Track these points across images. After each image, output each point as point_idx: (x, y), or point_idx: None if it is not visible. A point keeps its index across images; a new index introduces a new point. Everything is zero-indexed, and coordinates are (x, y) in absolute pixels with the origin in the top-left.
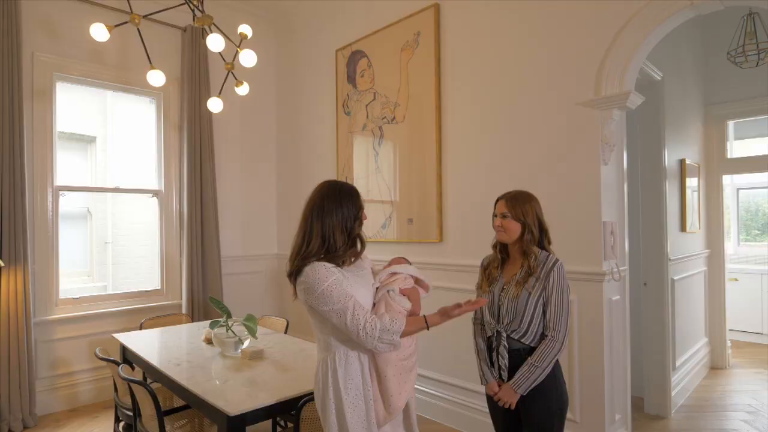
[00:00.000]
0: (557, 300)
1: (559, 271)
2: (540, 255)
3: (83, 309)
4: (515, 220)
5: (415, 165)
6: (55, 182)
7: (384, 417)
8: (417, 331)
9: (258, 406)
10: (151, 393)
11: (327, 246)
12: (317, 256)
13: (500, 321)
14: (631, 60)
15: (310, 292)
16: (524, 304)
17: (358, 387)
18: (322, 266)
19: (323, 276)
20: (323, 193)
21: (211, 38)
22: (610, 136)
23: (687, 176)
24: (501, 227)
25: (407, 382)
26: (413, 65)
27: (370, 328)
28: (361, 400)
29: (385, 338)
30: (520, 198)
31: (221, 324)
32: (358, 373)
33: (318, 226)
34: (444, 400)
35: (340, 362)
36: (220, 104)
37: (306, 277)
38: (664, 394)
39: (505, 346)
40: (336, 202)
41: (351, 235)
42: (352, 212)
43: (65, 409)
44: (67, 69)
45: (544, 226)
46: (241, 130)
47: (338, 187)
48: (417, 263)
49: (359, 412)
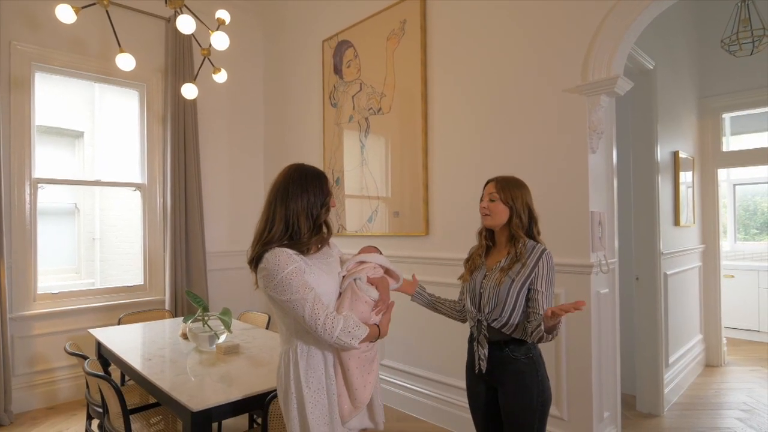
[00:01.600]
0: (546, 288)
1: (548, 260)
2: (528, 243)
3: (62, 304)
4: (503, 204)
5: (402, 156)
6: (33, 174)
7: (350, 412)
8: (371, 337)
9: (223, 402)
10: (115, 388)
11: (290, 232)
12: (280, 243)
13: (481, 309)
14: (618, 44)
15: (270, 279)
16: (506, 292)
17: (320, 381)
18: (284, 252)
19: (283, 262)
20: (288, 177)
21: (181, 19)
22: (598, 123)
23: (681, 169)
24: (487, 210)
25: (371, 373)
26: (399, 54)
27: (330, 326)
28: (323, 395)
29: (344, 339)
30: (511, 182)
31: (197, 317)
32: (321, 367)
33: (281, 211)
34: (429, 398)
35: (302, 355)
36: (195, 90)
37: (266, 263)
38: (656, 391)
39: (485, 335)
40: (301, 187)
41: (317, 222)
42: (318, 198)
43: (43, 407)
44: (47, 59)
45: (533, 215)
46: (228, 123)
47: (304, 171)
48: (403, 257)
49: (321, 408)
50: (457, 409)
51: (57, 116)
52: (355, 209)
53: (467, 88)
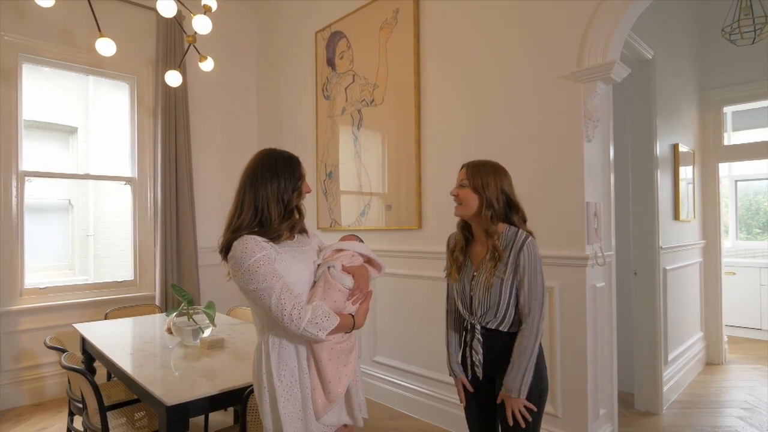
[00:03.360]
0: (530, 282)
1: (530, 250)
2: (507, 231)
3: (50, 300)
4: (473, 191)
5: (395, 148)
6: (20, 168)
7: (324, 406)
8: (343, 328)
9: (200, 396)
10: (91, 383)
11: (260, 218)
12: (249, 229)
13: (473, 313)
14: (614, 29)
15: (237, 267)
16: (498, 293)
17: (293, 374)
18: (252, 239)
19: (251, 250)
20: (258, 162)
21: (162, 3)
22: (594, 110)
23: (681, 163)
24: (457, 198)
25: (347, 366)
26: (392, 44)
27: (297, 317)
28: (296, 388)
29: (310, 330)
30: (483, 167)
31: (182, 311)
32: (293, 360)
33: (251, 196)
34: (423, 395)
35: (274, 347)
36: (179, 78)
37: (234, 251)
38: (655, 389)
39: (479, 340)
40: (272, 171)
41: (288, 207)
42: (290, 183)
43: (30, 404)
44: (35, 50)
45: (513, 202)
46: (221, 117)
47: (275, 156)
48: (396, 251)
49: (294, 402)
50: (452, 406)
51: (51, 112)
52: (347, 203)
53: (460, 76)
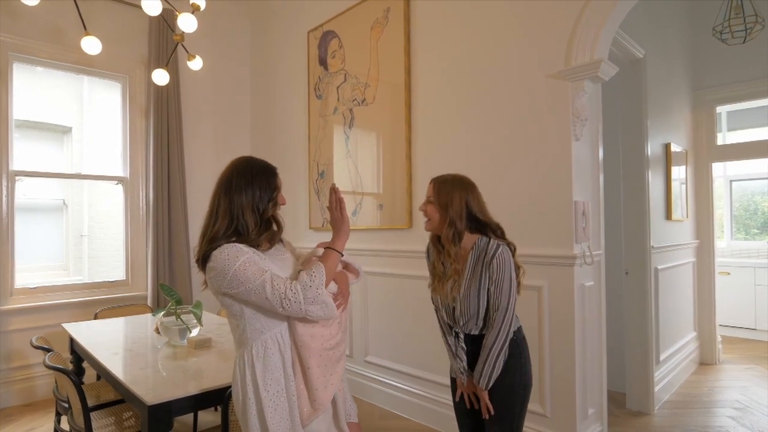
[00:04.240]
0: (500, 288)
1: (502, 259)
2: (479, 242)
3: (41, 299)
4: (439, 208)
5: (386, 148)
6: (11, 167)
7: (309, 414)
8: (335, 267)
9: (181, 396)
10: (74, 382)
11: (236, 226)
12: (226, 238)
13: (456, 322)
14: (602, 28)
15: (222, 277)
16: (477, 302)
17: (279, 382)
18: (233, 247)
19: (233, 256)
20: (233, 169)
21: (147, 2)
22: (582, 109)
23: (673, 162)
24: (425, 213)
25: (333, 374)
26: (383, 43)
27: (293, 294)
28: (283, 397)
29: (311, 296)
30: (448, 183)
31: (169, 311)
32: (279, 367)
33: (225, 203)
34: (414, 395)
35: (258, 356)
36: (167, 76)
37: (215, 262)
38: (646, 389)
39: (463, 348)
40: (247, 180)
41: (263, 216)
42: (266, 193)
43: (20, 404)
44: (26, 50)
45: (483, 219)
46: (214, 116)
47: (251, 164)
48: (386, 251)
49: (281, 412)
50: (442, 406)
51: (45, 112)
52: None
53: (450, 75)
